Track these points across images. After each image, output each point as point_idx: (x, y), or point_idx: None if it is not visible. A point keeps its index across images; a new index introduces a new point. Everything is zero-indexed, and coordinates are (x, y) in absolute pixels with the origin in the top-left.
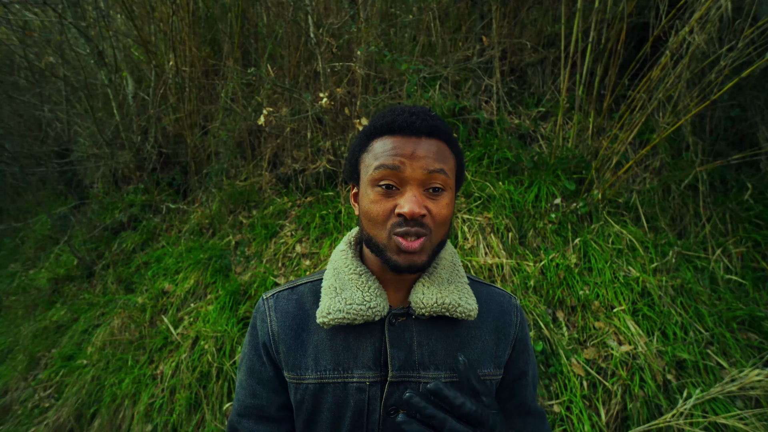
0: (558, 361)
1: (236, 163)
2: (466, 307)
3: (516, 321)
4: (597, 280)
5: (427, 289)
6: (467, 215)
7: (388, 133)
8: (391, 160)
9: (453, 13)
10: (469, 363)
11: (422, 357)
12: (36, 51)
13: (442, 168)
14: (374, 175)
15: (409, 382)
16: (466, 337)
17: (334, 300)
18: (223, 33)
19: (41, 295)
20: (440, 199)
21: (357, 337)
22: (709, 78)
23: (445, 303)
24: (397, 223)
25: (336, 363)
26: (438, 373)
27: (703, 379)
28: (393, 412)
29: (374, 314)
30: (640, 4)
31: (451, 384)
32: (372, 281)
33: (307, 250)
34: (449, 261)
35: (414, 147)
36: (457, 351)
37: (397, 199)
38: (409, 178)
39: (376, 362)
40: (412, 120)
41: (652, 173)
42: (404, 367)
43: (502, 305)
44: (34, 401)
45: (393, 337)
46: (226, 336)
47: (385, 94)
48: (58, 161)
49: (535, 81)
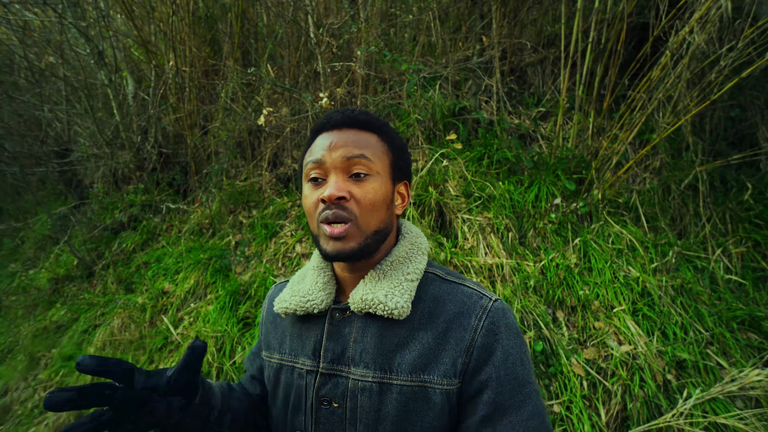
0: (558, 361)
1: (236, 163)
2: (389, 305)
3: (475, 325)
4: (597, 280)
5: (364, 285)
6: (467, 215)
7: (317, 134)
8: (316, 155)
9: (453, 13)
10: (404, 365)
11: (355, 353)
12: (36, 51)
13: (362, 153)
14: (306, 171)
15: (340, 377)
16: (405, 338)
17: (288, 291)
18: (223, 33)
19: (41, 295)
20: (365, 183)
21: (307, 328)
22: (709, 78)
23: (367, 299)
24: (321, 209)
25: (291, 348)
26: (367, 371)
27: (703, 379)
28: (326, 403)
29: (312, 307)
30: (640, 4)
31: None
32: (323, 276)
33: (307, 250)
34: (401, 257)
35: (334, 138)
36: (391, 352)
37: (323, 188)
38: (330, 166)
39: (315, 353)
40: (332, 116)
41: (652, 173)
42: (337, 360)
43: (462, 306)
44: (34, 401)
45: (331, 331)
46: (226, 336)
47: (385, 94)
48: (58, 161)
49: (535, 81)
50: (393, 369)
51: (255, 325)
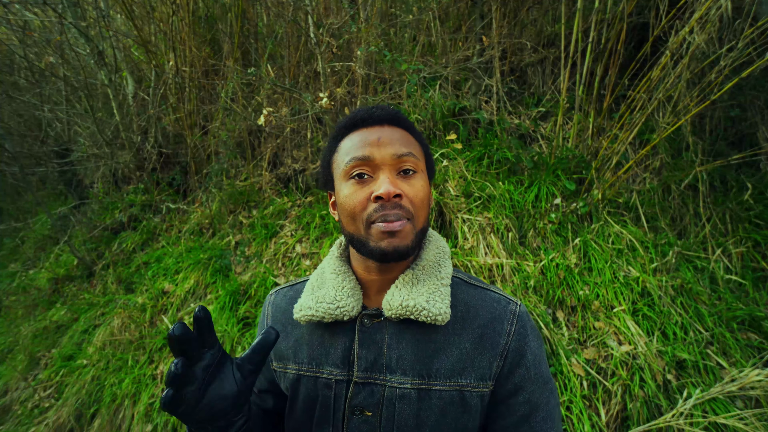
0: (558, 361)
1: (236, 163)
2: (432, 311)
3: (509, 330)
4: (597, 280)
5: (398, 290)
6: (467, 215)
7: (352, 130)
8: (360, 151)
9: (453, 13)
10: (442, 371)
11: (390, 360)
12: (36, 51)
13: (410, 151)
14: (345, 168)
15: (376, 385)
16: (441, 344)
17: (308, 297)
18: (223, 33)
19: (41, 295)
20: (414, 180)
21: (331, 335)
22: (709, 78)
23: (409, 306)
24: (374, 208)
25: (311, 357)
26: (405, 378)
27: (703, 379)
28: (358, 413)
29: (342, 314)
30: (640, 4)
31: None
32: (348, 281)
33: (307, 250)
34: (432, 260)
35: (379, 134)
36: (429, 357)
37: (372, 186)
38: (380, 163)
39: (344, 361)
40: (372, 111)
41: (652, 173)
42: (371, 368)
43: (494, 312)
44: (34, 401)
45: (363, 338)
46: (226, 336)
47: (385, 94)
48: (58, 161)
49: (535, 81)
50: (432, 375)
51: (255, 325)
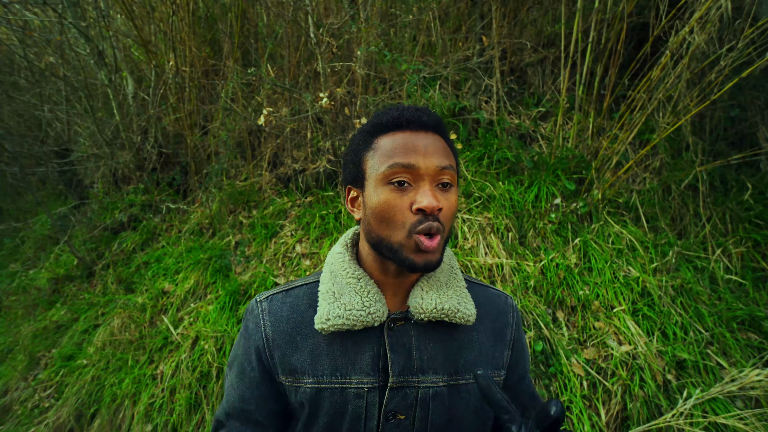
0: (558, 361)
1: (236, 163)
2: (465, 312)
3: (512, 322)
4: (597, 280)
5: (426, 293)
6: (467, 215)
7: (395, 129)
8: (406, 158)
9: (453, 13)
10: (467, 365)
11: (421, 362)
12: (36, 51)
13: (451, 164)
14: (386, 172)
15: (409, 387)
16: (463, 341)
17: (332, 305)
18: (223, 33)
19: (41, 295)
20: (450, 194)
21: (355, 343)
22: (709, 78)
23: (445, 308)
24: (417, 220)
25: (334, 368)
26: (437, 377)
27: (703, 379)
28: (392, 417)
29: (374, 320)
30: (640, 4)
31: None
32: (371, 285)
33: (307, 250)
34: (447, 264)
35: (425, 142)
36: (455, 354)
37: (411, 195)
38: (424, 173)
39: (374, 368)
40: (419, 115)
41: (652, 173)
42: (404, 372)
43: (498, 306)
44: (34, 401)
45: (393, 342)
46: (226, 336)
47: (385, 94)
48: (58, 161)
49: (535, 81)
50: (459, 371)
51: None
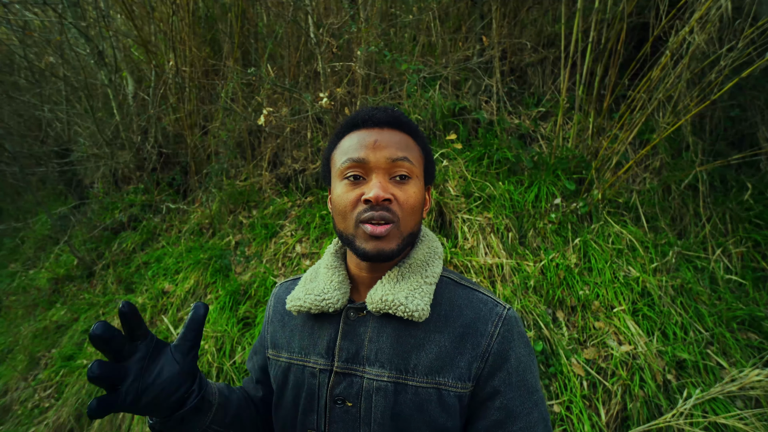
0: (558, 361)
1: (236, 163)
2: (410, 306)
3: (492, 331)
4: (597, 280)
5: (382, 286)
6: (467, 215)
7: (353, 129)
8: (356, 153)
9: (453, 13)
10: (420, 366)
11: (370, 353)
12: (36, 51)
13: (406, 156)
14: (341, 168)
15: (355, 376)
16: (421, 340)
17: (301, 289)
18: (223, 33)
19: (41, 295)
20: (407, 186)
21: (320, 326)
22: (709, 78)
23: (388, 300)
24: (363, 210)
25: (301, 347)
26: (382, 371)
27: (703, 379)
28: (340, 402)
29: (327, 305)
30: (640, 4)
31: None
32: (337, 275)
33: (307, 250)
34: (420, 260)
35: (376, 137)
36: (407, 352)
37: (363, 187)
38: (374, 166)
39: (328, 351)
40: (373, 113)
41: (652, 173)
42: (351, 360)
43: (479, 312)
44: (34, 401)
45: (347, 330)
46: (226, 336)
47: (385, 94)
48: (58, 161)
49: (535, 81)
50: (409, 370)
51: (255, 325)
